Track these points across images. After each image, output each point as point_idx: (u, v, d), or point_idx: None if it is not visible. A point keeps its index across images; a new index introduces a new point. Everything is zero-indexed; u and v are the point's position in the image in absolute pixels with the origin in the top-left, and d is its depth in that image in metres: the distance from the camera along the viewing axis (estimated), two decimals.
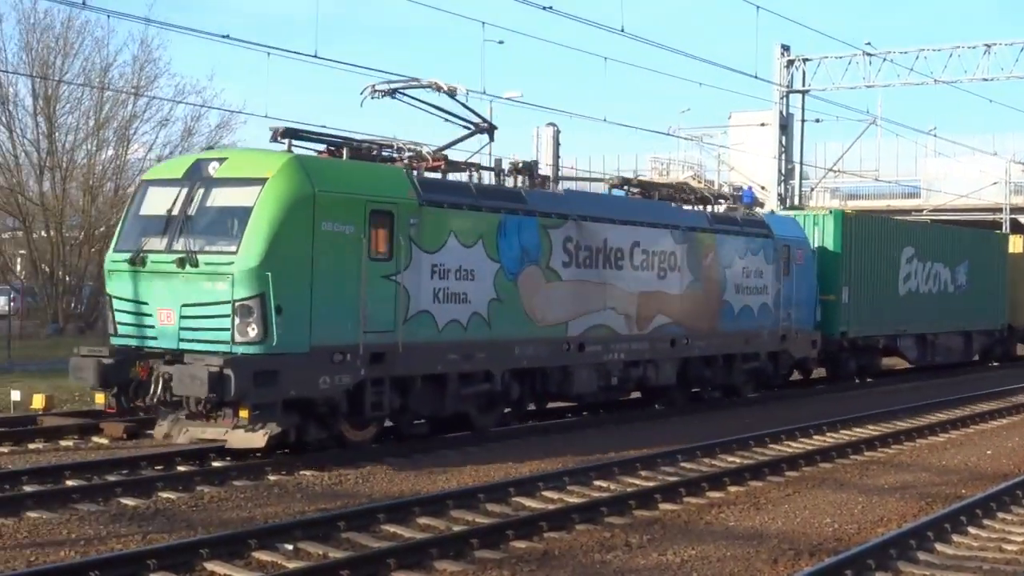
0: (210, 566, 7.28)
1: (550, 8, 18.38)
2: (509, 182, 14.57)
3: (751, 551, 8.34)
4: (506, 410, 14.41)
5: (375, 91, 13.74)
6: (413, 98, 14.04)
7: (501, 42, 28.39)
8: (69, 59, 33.54)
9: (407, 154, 12.98)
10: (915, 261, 25.27)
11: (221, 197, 10.65)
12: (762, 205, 28.68)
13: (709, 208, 19.43)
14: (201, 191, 10.85)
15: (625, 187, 18.13)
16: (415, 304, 11.87)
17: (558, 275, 14.39)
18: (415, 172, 12.77)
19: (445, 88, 13.71)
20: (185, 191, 10.97)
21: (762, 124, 36.43)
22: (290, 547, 7.74)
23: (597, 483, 10.82)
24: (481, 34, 20.20)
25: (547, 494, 10.16)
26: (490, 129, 14.93)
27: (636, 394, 18.01)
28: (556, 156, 35.36)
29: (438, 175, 13.51)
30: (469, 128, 14.67)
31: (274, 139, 11.75)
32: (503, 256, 13.28)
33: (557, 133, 37.48)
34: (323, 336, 10.72)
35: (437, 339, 12.19)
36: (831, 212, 24.18)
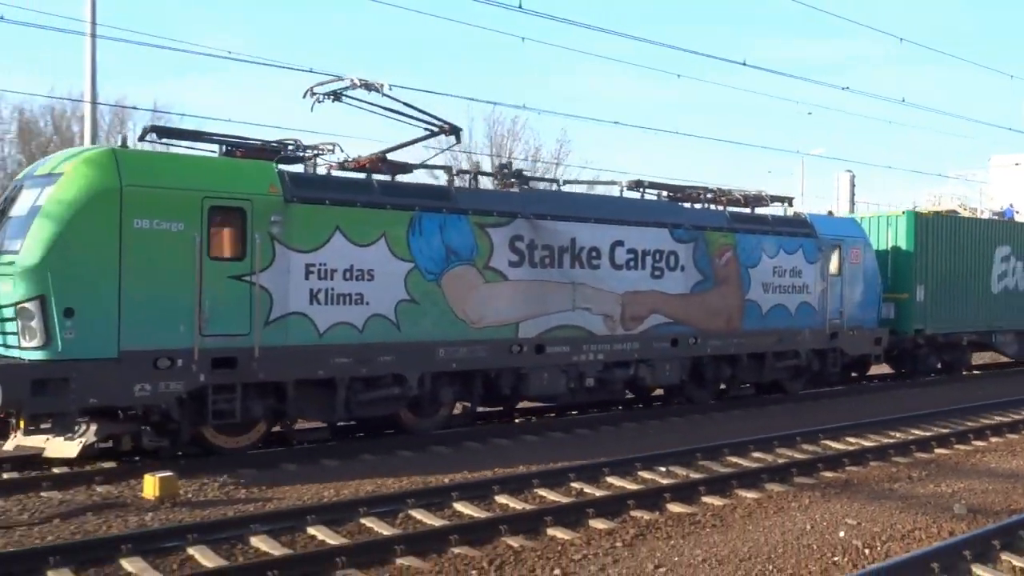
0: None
1: (847, 88, 18.91)
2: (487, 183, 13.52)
3: (1008, 486, 10.64)
4: (447, 412, 13.27)
5: (314, 94, 13.05)
6: (361, 100, 13.20)
7: (809, 113, 32.41)
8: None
9: (312, 153, 12.17)
10: (1012, 259, 23.35)
11: (27, 196, 10.20)
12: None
13: (739, 208, 17.39)
14: (21, 190, 10.50)
15: (640, 189, 16.44)
16: (280, 306, 11.06)
17: (502, 275, 13.21)
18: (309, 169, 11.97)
19: (375, 85, 12.83)
20: (15, 190, 10.68)
21: (1016, 164, 49.86)
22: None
23: (871, 436, 13.93)
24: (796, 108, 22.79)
25: (829, 442, 13.32)
26: (452, 131, 13.91)
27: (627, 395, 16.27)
28: (852, 196, 50.81)
29: (358, 174, 12.64)
30: (431, 130, 13.76)
31: (141, 138, 11.27)
32: (418, 255, 12.29)
33: (853, 178, 51.36)
34: (139, 340, 9.89)
35: (317, 342, 11.31)
36: (904, 213, 21.54)
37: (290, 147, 12.13)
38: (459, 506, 9.30)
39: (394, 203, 12.20)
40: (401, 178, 13.17)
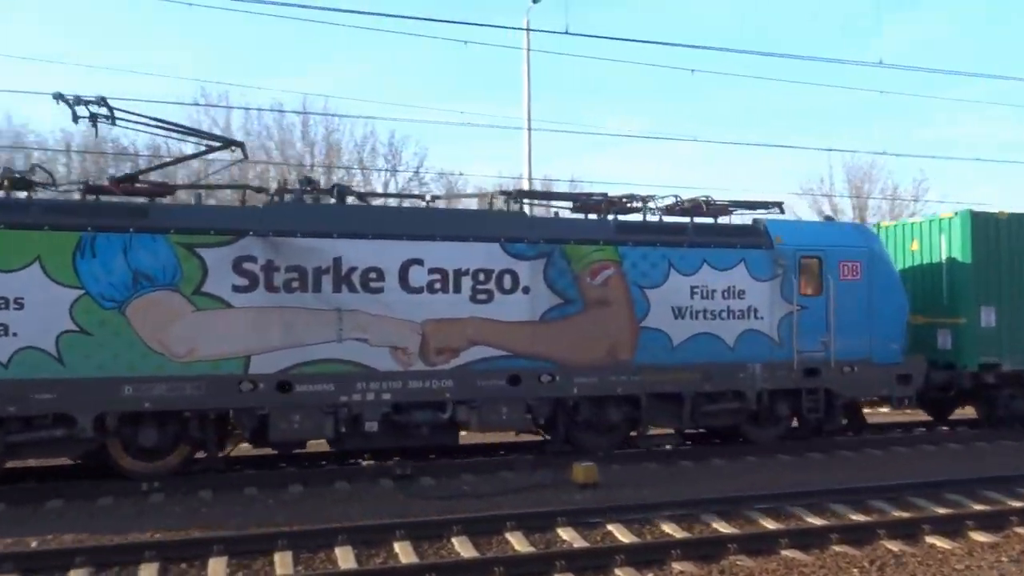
0: None
1: None
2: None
3: None
4: (176, 458, 11.26)
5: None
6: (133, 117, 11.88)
7: None
8: None
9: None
10: None
11: None
12: None
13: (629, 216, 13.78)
14: None
15: (504, 198, 13.47)
16: None
17: (223, 301, 11.02)
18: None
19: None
20: None
21: None
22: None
23: None
24: None
25: None
26: (232, 144, 12.24)
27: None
28: None
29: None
30: (212, 145, 12.24)
31: None
32: (88, 281, 10.56)
33: None
34: None
35: None
36: (956, 214, 15.64)
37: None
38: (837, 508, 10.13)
39: (55, 223, 10.58)
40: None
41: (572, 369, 12.62)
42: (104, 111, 11.72)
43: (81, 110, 11.49)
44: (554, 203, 14.41)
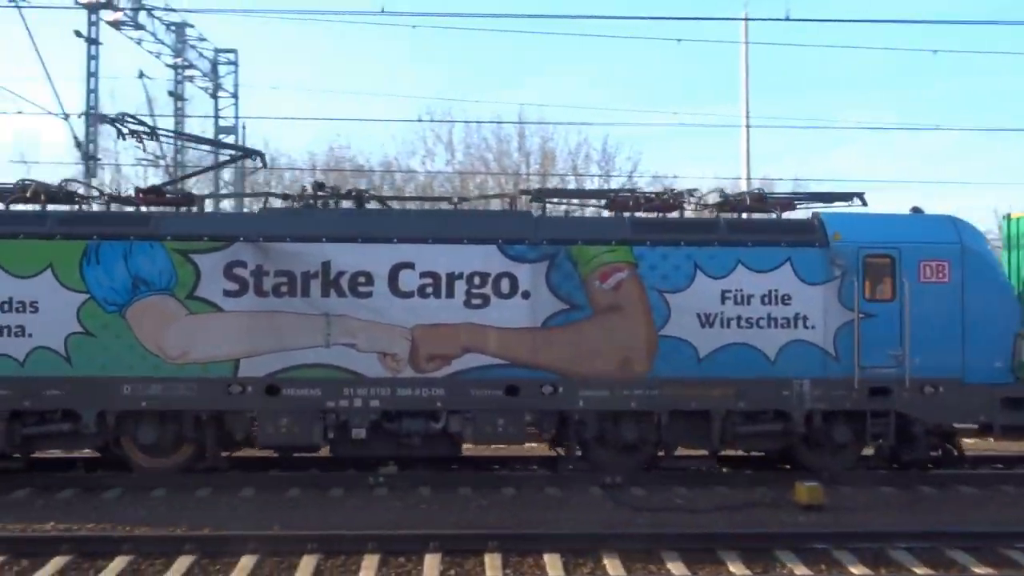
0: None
1: None
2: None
3: None
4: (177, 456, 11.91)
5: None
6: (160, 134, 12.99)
7: None
8: None
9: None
10: None
11: None
12: None
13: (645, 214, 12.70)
14: None
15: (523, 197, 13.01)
16: None
17: (214, 306, 11.53)
18: None
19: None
20: None
21: None
22: None
23: None
24: None
25: None
26: (251, 154, 12.94)
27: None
28: None
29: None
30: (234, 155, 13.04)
31: None
32: (93, 286, 11.45)
33: None
34: None
35: None
36: None
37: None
38: None
39: (66, 233, 11.52)
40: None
41: (578, 381, 11.74)
42: (144, 129, 12.67)
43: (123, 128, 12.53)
44: (589, 201, 13.51)
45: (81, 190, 12.70)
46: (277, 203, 13.12)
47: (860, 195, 13.11)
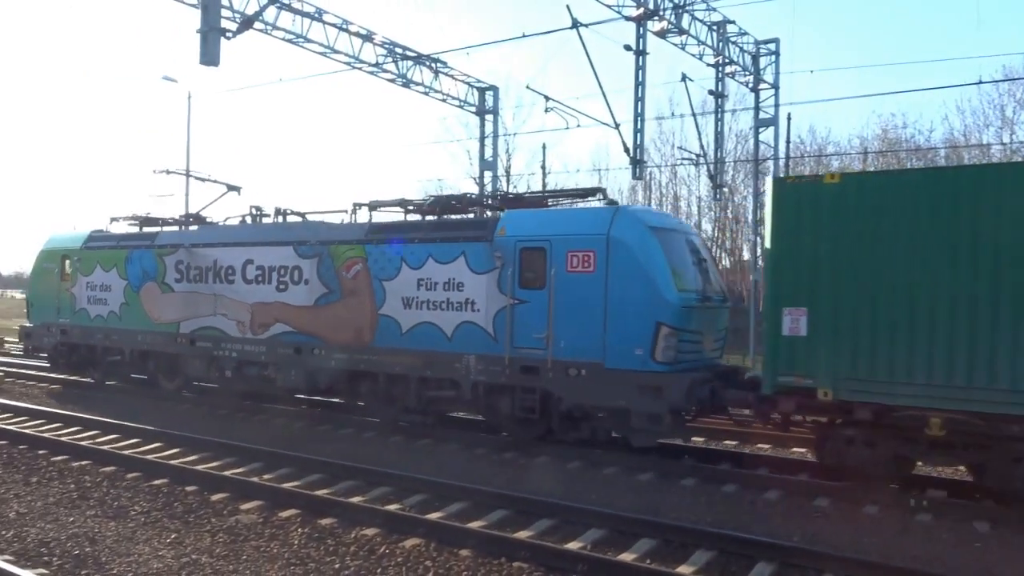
0: None
1: None
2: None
3: None
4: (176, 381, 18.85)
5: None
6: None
7: None
8: None
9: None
10: None
11: None
12: None
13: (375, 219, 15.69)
14: None
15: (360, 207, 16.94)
16: (79, 303, 19.73)
17: (171, 288, 18.23)
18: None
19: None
20: None
21: None
22: None
23: None
24: None
25: None
26: (232, 188, 19.50)
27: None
28: None
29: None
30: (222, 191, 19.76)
31: None
32: (130, 276, 18.95)
33: None
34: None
35: (90, 324, 19.55)
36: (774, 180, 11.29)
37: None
38: None
39: (122, 245, 19.04)
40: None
41: (333, 346, 15.17)
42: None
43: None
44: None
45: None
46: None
47: (599, 191, 13.59)
